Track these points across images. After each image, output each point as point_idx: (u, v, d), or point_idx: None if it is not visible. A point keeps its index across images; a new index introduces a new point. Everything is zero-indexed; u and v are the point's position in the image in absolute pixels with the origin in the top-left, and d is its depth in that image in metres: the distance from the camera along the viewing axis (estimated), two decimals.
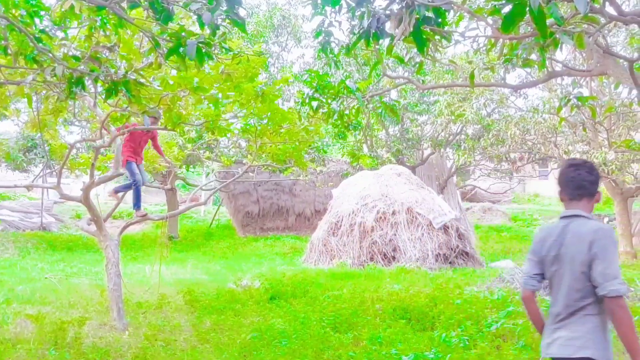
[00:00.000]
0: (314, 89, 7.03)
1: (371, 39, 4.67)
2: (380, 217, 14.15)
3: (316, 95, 7.07)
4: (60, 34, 5.32)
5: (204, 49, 4.17)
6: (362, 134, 19.85)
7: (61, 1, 4.58)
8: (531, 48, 5.53)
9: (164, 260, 9.01)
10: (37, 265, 13.16)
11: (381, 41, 4.86)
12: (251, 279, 10.35)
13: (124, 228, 7.90)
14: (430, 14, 4.36)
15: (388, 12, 4.66)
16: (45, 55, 4.73)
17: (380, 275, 11.51)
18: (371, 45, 4.89)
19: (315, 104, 7.14)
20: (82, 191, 7.08)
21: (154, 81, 6.06)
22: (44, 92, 6.49)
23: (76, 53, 5.26)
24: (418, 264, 12.76)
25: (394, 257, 13.42)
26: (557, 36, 4.75)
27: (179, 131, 11.47)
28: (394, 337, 6.10)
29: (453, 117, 17.45)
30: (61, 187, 7.12)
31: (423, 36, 4.39)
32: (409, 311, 7.32)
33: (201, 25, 4.00)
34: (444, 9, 4.39)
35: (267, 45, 22.55)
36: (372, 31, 4.61)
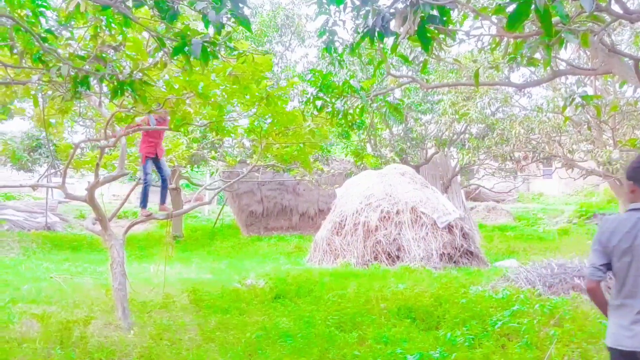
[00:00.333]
0: (318, 89, 7.02)
1: (375, 37, 4.67)
2: (384, 217, 14.13)
3: (320, 94, 7.07)
4: (66, 33, 5.34)
5: (209, 48, 4.17)
6: (366, 133, 19.85)
7: (67, 0, 4.59)
8: (536, 47, 5.52)
9: (168, 259, 9.03)
10: (42, 264, 13.20)
11: (385, 40, 4.86)
12: (255, 278, 10.36)
13: (128, 227, 7.93)
14: (435, 13, 4.35)
15: (392, 10, 4.66)
16: (51, 55, 4.75)
17: (384, 274, 11.50)
18: (375, 44, 4.89)
19: (319, 103, 7.14)
20: (87, 191, 7.09)
21: (159, 82, 6.08)
22: (49, 92, 6.51)
23: (81, 53, 5.27)
24: (422, 263, 12.75)
25: (398, 257, 13.40)
26: (562, 35, 4.74)
27: (182, 131, 11.50)
28: (399, 336, 6.10)
29: (457, 116, 17.44)
30: (66, 187, 7.14)
31: (427, 35, 4.39)
32: (413, 310, 7.31)
33: (206, 24, 4.00)
34: (448, 7, 4.38)
35: (271, 44, 22.56)
36: (376, 30, 4.61)
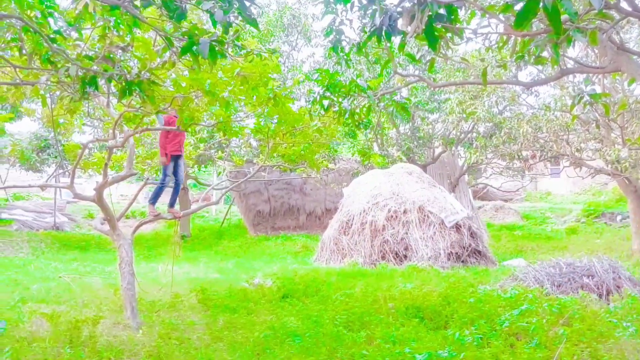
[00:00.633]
0: (325, 88, 7.02)
1: (383, 36, 4.67)
2: (392, 216, 14.11)
3: (327, 94, 7.07)
4: (75, 34, 5.36)
5: (217, 47, 4.18)
6: (373, 132, 19.83)
7: (76, 1, 4.61)
8: (544, 45, 5.49)
9: (176, 259, 9.05)
10: (51, 264, 13.27)
11: (392, 39, 4.85)
12: (263, 277, 10.37)
13: (137, 227, 7.96)
14: (442, 11, 4.34)
15: (400, 9, 4.66)
16: (60, 56, 4.77)
17: (392, 274, 11.49)
18: (382, 43, 4.88)
19: (326, 102, 7.13)
20: (95, 191, 7.12)
21: (166, 82, 6.10)
22: (58, 93, 6.54)
23: (90, 53, 5.30)
24: (430, 262, 12.72)
25: (405, 256, 13.38)
26: (571, 33, 4.72)
27: (190, 131, 11.53)
28: (407, 335, 6.09)
29: (464, 115, 17.38)
30: (74, 187, 7.17)
31: (435, 33, 4.38)
32: (421, 310, 7.29)
33: (214, 24, 4.01)
34: (456, 5, 4.38)
35: (278, 44, 22.59)
36: (383, 29, 4.61)
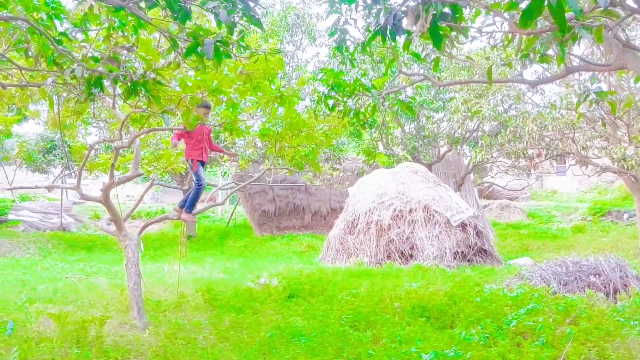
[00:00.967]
0: (330, 88, 7.03)
1: (387, 36, 4.66)
2: (397, 215, 14.10)
3: (332, 93, 7.07)
4: (80, 35, 5.38)
5: (221, 48, 4.19)
6: (378, 132, 19.82)
7: (81, 3, 4.63)
8: (549, 43, 5.47)
9: (182, 259, 9.07)
10: (57, 265, 13.34)
11: (397, 38, 4.85)
12: (269, 277, 10.38)
13: (143, 228, 7.97)
14: (447, 10, 4.34)
15: (404, 8, 4.66)
16: (65, 57, 4.79)
17: (397, 273, 11.48)
18: (387, 42, 4.88)
19: (331, 102, 7.14)
20: (102, 191, 7.14)
21: (172, 82, 6.11)
22: (64, 94, 6.58)
23: (95, 54, 5.32)
24: (436, 262, 12.71)
25: (411, 255, 13.37)
26: (576, 31, 4.70)
27: None
28: (413, 335, 6.07)
29: (469, 114, 17.35)
30: (81, 188, 7.19)
31: (439, 32, 4.38)
32: (427, 309, 7.28)
33: (218, 24, 4.02)
34: (460, 4, 4.37)
35: (282, 44, 22.60)
36: (388, 28, 4.61)
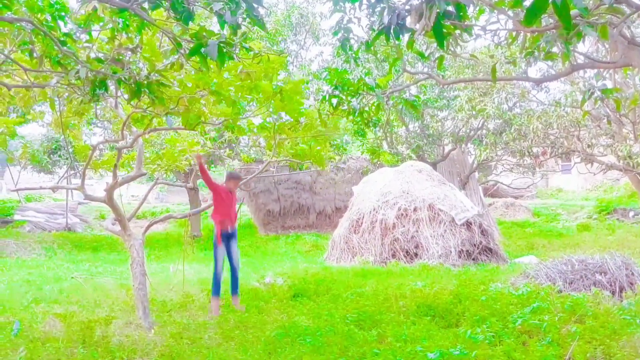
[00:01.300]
0: (334, 87, 7.03)
1: (391, 34, 4.66)
2: (402, 214, 14.08)
3: (336, 92, 7.07)
4: (84, 36, 5.40)
5: (225, 49, 4.19)
6: (382, 131, 19.80)
7: (84, 4, 4.64)
8: (554, 40, 5.45)
9: (187, 259, 9.08)
10: (63, 265, 13.37)
11: (401, 37, 4.84)
12: (274, 276, 10.38)
13: (147, 227, 7.99)
14: (451, 8, 4.32)
15: (408, 7, 4.64)
16: (70, 58, 4.80)
17: (402, 272, 11.46)
18: (390, 41, 4.87)
19: (335, 101, 7.14)
20: (106, 192, 7.16)
21: (174, 82, 6.11)
22: (66, 95, 6.58)
23: (99, 55, 5.33)
24: (441, 260, 12.68)
25: (416, 254, 13.35)
26: (581, 28, 4.68)
27: (199, 131, 11.54)
28: (418, 334, 6.06)
29: (474, 112, 17.32)
30: (85, 188, 7.21)
31: (443, 31, 4.36)
32: (433, 308, 7.27)
33: (222, 25, 4.02)
34: (464, 2, 4.35)
35: (286, 43, 22.61)
36: (392, 27, 4.60)
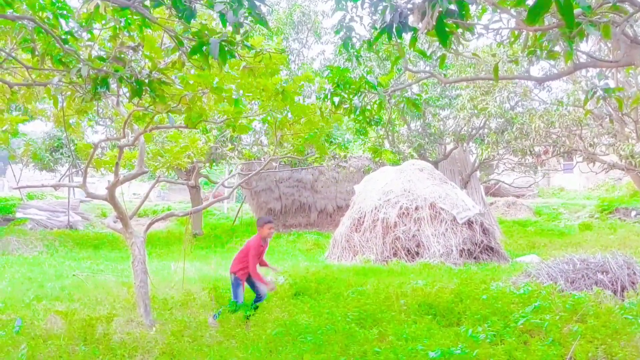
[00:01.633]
0: (335, 85, 7.02)
1: (393, 33, 4.65)
2: (403, 213, 14.08)
3: (337, 91, 7.06)
4: (86, 35, 5.39)
5: (226, 48, 4.18)
6: (384, 129, 19.78)
7: (86, 2, 4.63)
8: (556, 39, 5.44)
9: (188, 257, 9.08)
10: (64, 262, 13.40)
11: (403, 35, 4.84)
12: (275, 275, 10.37)
13: (149, 225, 7.98)
14: (453, 7, 4.31)
15: (410, 5, 4.64)
16: (71, 57, 4.80)
17: (404, 271, 11.46)
18: (392, 39, 4.87)
19: (336, 99, 7.13)
20: (108, 190, 7.16)
21: (175, 80, 6.10)
22: (68, 93, 6.57)
23: (101, 53, 5.32)
24: (442, 259, 12.68)
25: (417, 253, 13.35)
26: (584, 27, 4.67)
27: (201, 129, 11.56)
28: (419, 332, 6.06)
29: (476, 111, 17.30)
30: (87, 186, 7.21)
31: (446, 29, 4.35)
32: (434, 307, 7.27)
33: (224, 23, 4.01)
34: (466, 1, 4.34)
35: (287, 42, 22.59)
36: (394, 25, 4.59)
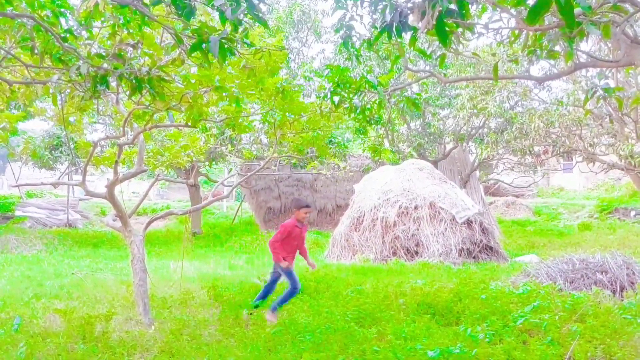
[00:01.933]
0: (335, 84, 7.01)
1: (393, 32, 4.64)
2: (403, 212, 14.08)
3: (337, 90, 7.05)
4: (85, 33, 5.38)
5: (226, 45, 4.17)
6: (384, 128, 19.78)
7: (86, 0, 4.62)
8: (556, 39, 5.44)
9: (187, 255, 9.07)
10: (64, 261, 13.39)
11: (403, 34, 4.83)
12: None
13: (148, 224, 7.97)
14: (453, 6, 4.31)
15: (410, 5, 4.63)
16: (71, 55, 4.79)
17: (403, 270, 11.46)
18: (392, 39, 4.86)
19: (336, 98, 7.12)
20: (107, 188, 7.15)
21: (176, 78, 6.10)
22: (68, 91, 6.57)
23: (100, 51, 5.31)
24: (441, 258, 12.68)
25: (416, 252, 13.35)
26: (584, 27, 4.67)
27: (201, 128, 11.55)
28: (418, 331, 6.06)
29: (475, 111, 17.30)
30: (86, 184, 7.20)
31: (446, 29, 4.35)
32: (433, 306, 7.27)
33: (223, 21, 4.01)
34: (466, 0, 4.34)
35: (287, 40, 22.57)
36: (394, 25, 4.58)
